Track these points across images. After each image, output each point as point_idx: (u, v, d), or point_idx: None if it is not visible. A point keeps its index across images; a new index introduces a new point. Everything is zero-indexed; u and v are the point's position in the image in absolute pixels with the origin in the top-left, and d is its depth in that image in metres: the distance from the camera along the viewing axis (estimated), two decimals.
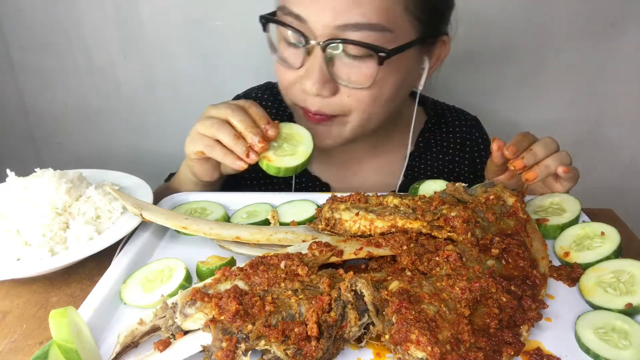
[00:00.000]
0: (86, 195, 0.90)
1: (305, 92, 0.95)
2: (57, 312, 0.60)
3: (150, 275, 0.77)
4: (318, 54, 0.91)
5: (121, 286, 0.74)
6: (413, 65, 1.01)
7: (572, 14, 1.66)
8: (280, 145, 0.93)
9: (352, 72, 0.93)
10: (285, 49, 0.98)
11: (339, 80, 0.93)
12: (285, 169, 0.90)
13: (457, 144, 1.27)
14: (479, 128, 1.31)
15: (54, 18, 1.78)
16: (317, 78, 0.91)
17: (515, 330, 0.64)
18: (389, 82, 0.96)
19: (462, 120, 1.30)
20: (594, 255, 0.79)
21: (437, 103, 1.33)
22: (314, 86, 0.92)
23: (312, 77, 0.92)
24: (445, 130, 1.27)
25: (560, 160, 0.90)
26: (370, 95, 0.95)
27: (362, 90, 0.94)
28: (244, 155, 0.89)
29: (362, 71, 0.92)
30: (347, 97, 0.95)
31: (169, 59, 1.85)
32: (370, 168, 1.22)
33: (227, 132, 0.90)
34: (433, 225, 0.79)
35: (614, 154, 1.92)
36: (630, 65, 1.74)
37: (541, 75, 1.79)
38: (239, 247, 0.80)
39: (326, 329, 0.60)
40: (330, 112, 0.97)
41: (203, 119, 0.93)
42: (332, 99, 0.95)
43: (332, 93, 0.94)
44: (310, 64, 0.92)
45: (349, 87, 0.94)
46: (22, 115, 2.00)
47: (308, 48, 0.91)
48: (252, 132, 0.89)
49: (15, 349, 0.69)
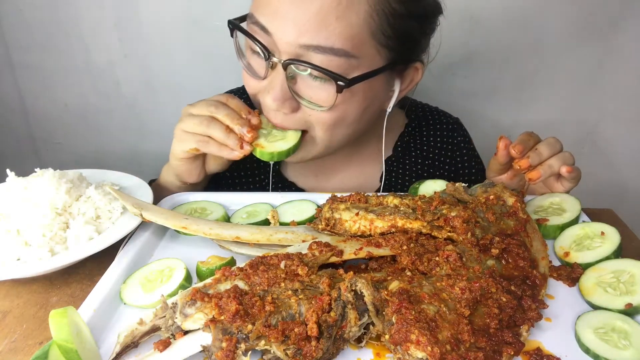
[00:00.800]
0: (86, 195, 0.90)
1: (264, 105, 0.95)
2: (57, 312, 0.60)
3: (150, 275, 0.77)
4: (280, 70, 0.89)
5: (121, 286, 0.74)
6: (380, 90, 0.98)
7: (571, 14, 1.66)
8: (269, 132, 0.95)
9: (312, 93, 0.90)
10: (251, 57, 0.97)
11: (300, 99, 0.91)
12: (278, 153, 0.92)
13: (436, 147, 1.24)
14: (461, 130, 1.28)
15: (54, 18, 1.78)
16: (277, 95, 0.89)
17: (515, 330, 0.64)
18: (351, 106, 0.93)
19: (444, 123, 1.27)
20: (594, 255, 0.79)
21: (419, 105, 1.30)
22: (274, 102, 0.90)
23: (272, 93, 0.90)
24: (426, 133, 1.25)
25: (563, 160, 0.90)
26: (331, 117, 0.92)
27: (324, 112, 0.92)
28: (237, 147, 0.91)
29: (323, 94, 0.89)
30: (309, 116, 0.93)
31: (169, 59, 1.85)
32: (347, 174, 1.21)
33: (217, 127, 0.92)
34: (433, 225, 0.79)
35: (614, 154, 1.92)
36: (630, 65, 1.74)
37: (541, 75, 1.79)
38: (239, 247, 0.80)
39: (326, 329, 0.60)
40: (293, 127, 0.95)
41: (186, 118, 0.95)
42: (293, 115, 0.94)
43: (292, 110, 0.93)
44: (272, 79, 0.90)
45: (310, 107, 0.91)
46: (22, 115, 2.00)
47: (271, 63, 0.89)
48: (239, 123, 0.92)
49: (15, 349, 0.69)
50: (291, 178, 1.21)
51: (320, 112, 0.91)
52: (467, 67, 1.78)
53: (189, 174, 1.02)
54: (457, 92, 1.81)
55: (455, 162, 1.25)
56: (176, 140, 0.97)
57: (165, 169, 1.08)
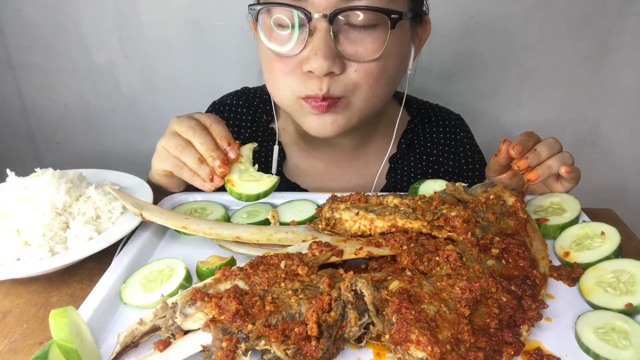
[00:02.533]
0: (86, 195, 0.90)
1: (312, 74, 0.90)
2: (57, 312, 0.60)
3: (150, 275, 0.76)
4: (323, 28, 0.87)
5: (121, 286, 0.74)
6: (407, 43, 1.00)
7: (571, 14, 1.67)
8: (247, 168, 0.90)
9: (359, 45, 0.89)
10: (278, 38, 0.92)
11: (345, 56, 0.90)
12: (247, 195, 0.87)
13: (440, 143, 1.25)
14: (463, 127, 1.29)
15: (54, 18, 1.79)
16: (327, 53, 0.86)
17: (515, 330, 0.64)
18: (394, 53, 0.94)
19: (446, 119, 1.28)
20: (594, 255, 0.79)
21: (421, 102, 1.31)
22: (325, 62, 0.86)
23: (320, 54, 0.87)
24: (429, 130, 1.25)
25: (562, 160, 0.90)
26: (378, 67, 0.92)
27: (371, 63, 0.90)
28: (208, 180, 0.88)
29: (371, 41, 0.89)
30: (355, 72, 0.91)
31: (169, 59, 1.85)
32: (350, 172, 1.21)
33: (191, 155, 0.88)
34: (433, 225, 0.79)
35: (614, 154, 1.92)
36: (630, 65, 1.74)
37: (541, 75, 1.79)
38: (239, 247, 0.80)
39: (326, 329, 0.60)
40: (338, 94, 0.93)
41: (168, 136, 0.92)
42: (340, 77, 0.91)
43: (341, 70, 0.90)
44: (315, 43, 0.87)
45: (357, 61, 0.90)
46: (22, 115, 2.00)
47: (310, 26, 0.87)
48: (212, 155, 0.87)
49: (15, 349, 0.69)
50: (293, 179, 1.21)
51: (367, 65, 0.90)
52: (468, 67, 1.78)
53: (170, 186, 1.01)
54: (457, 91, 1.81)
55: (459, 158, 1.25)
56: (156, 155, 0.95)
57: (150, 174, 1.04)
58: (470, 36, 1.71)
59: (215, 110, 1.28)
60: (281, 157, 1.19)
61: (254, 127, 1.24)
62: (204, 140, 0.88)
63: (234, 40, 1.76)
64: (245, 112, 1.25)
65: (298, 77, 0.93)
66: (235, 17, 1.72)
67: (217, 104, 1.30)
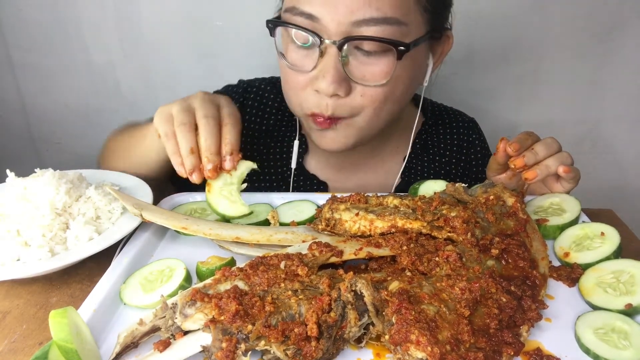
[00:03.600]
0: (86, 195, 0.90)
1: (320, 93, 0.93)
2: (57, 312, 0.60)
3: (150, 275, 0.77)
4: (332, 53, 0.89)
5: (121, 286, 0.74)
6: (422, 61, 1.01)
7: (571, 14, 1.67)
8: (232, 183, 0.87)
9: (367, 70, 0.92)
10: (294, 52, 0.95)
11: (353, 79, 0.92)
12: (214, 208, 0.85)
13: (454, 145, 1.26)
14: (476, 130, 1.31)
15: (54, 18, 1.78)
16: (334, 77, 0.89)
17: (515, 330, 0.64)
18: (402, 78, 0.95)
19: (460, 122, 1.29)
20: (594, 256, 0.79)
21: (435, 104, 1.32)
22: (331, 85, 0.89)
23: (327, 77, 0.89)
24: (442, 131, 1.27)
25: (561, 160, 0.90)
26: (384, 92, 0.94)
27: (377, 88, 0.93)
28: (188, 170, 0.84)
29: (378, 68, 0.91)
30: (361, 97, 0.94)
31: (169, 59, 1.85)
32: (368, 170, 1.22)
33: (188, 140, 0.84)
34: (433, 225, 0.79)
35: (614, 154, 1.92)
36: (630, 65, 1.74)
37: (541, 75, 1.79)
38: (239, 248, 0.80)
39: (326, 329, 0.60)
40: (343, 114, 0.96)
41: (183, 106, 0.87)
42: (345, 100, 0.94)
43: (347, 93, 0.92)
44: (324, 64, 0.90)
45: (364, 85, 0.92)
46: (22, 115, 2.00)
47: (322, 48, 0.89)
48: (209, 158, 0.83)
49: (15, 349, 0.69)
50: (312, 171, 1.22)
51: (373, 90, 0.92)
52: (468, 67, 1.78)
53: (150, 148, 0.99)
54: (458, 91, 1.80)
55: (470, 160, 1.27)
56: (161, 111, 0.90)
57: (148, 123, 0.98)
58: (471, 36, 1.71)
59: (242, 89, 1.27)
60: (302, 149, 1.20)
61: (279, 116, 1.24)
62: (211, 139, 0.84)
63: (234, 40, 1.76)
64: (272, 99, 1.25)
65: (309, 93, 0.96)
66: (235, 17, 1.72)
67: (246, 84, 1.29)
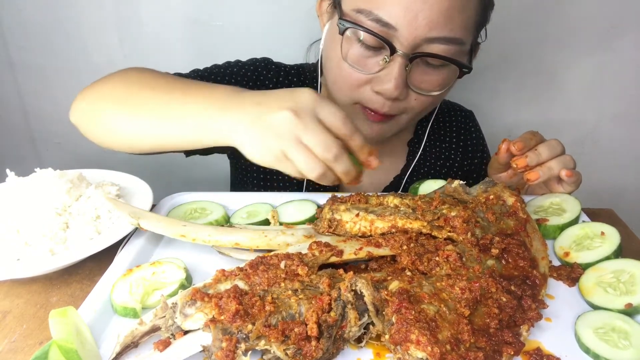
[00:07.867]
0: (86, 195, 0.90)
1: (381, 94, 0.96)
2: (57, 312, 0.60)
3: (151, 275, 0.76)
4: (401, 62, 0.92)
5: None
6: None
7: (571, 14, 1.66)
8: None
9: (425, 80, 0.97)
10: (357, 50, 0.96)
11: (411, 86, 0.97)
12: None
13: (452, 136, 1.31)
14: (473, 120, 1.36)
15: (54, 18, 1.78)
16: (399, 84, 0.93)
17: (515, 330, 0.64)
18: (449, 87, 1.02)
19: (458, 111, 1.35)
20: (594, 255, 0.79)
21: None
22: (395, 91, 0.94)
23: (393, 82, 0.93)
24: (442, 120, 1.31)
25: (564, 163, 0.90)
26: (434, 98, 1.01)
27: (429, 95, 0.99)
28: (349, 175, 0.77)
29: (437, 80, 0.97)
30: (414, 100, 0.99)
31: (169, 59, 1.85)
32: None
33: (345, 162, 0.75)
34: (433, 225, 0.79)
35: (614, 154, 1.92)
36: (630, 65, 1.74)
37: (541, 75, 1.79)
38: (239, 254, 0.80)
39: (326, 329, 0.60)
40: (394, 113, 1.01)
41: (308, 125, 0.71)
42: (400, 102, 0.99)
43: (405, 97, 0.98)
44: (390, 70, 0.93)
45: (419, 92, 0.98)
46: (22, 115, 2.00)
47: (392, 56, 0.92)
48: (351, 176, 0.78)
49: (15, 349, 0.69)
50: None
51: (426, 96, 0.99)
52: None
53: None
54: (457, 91, 1.80)
55: (468, 152, 1.31)
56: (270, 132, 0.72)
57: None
58: None
59: (262, 67, 1.24)
60: None
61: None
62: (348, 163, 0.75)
63: (234, 40, 1.76)
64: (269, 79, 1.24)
65: (367, 91, 0.99)
66: (235, 17, 1.72)
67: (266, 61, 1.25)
